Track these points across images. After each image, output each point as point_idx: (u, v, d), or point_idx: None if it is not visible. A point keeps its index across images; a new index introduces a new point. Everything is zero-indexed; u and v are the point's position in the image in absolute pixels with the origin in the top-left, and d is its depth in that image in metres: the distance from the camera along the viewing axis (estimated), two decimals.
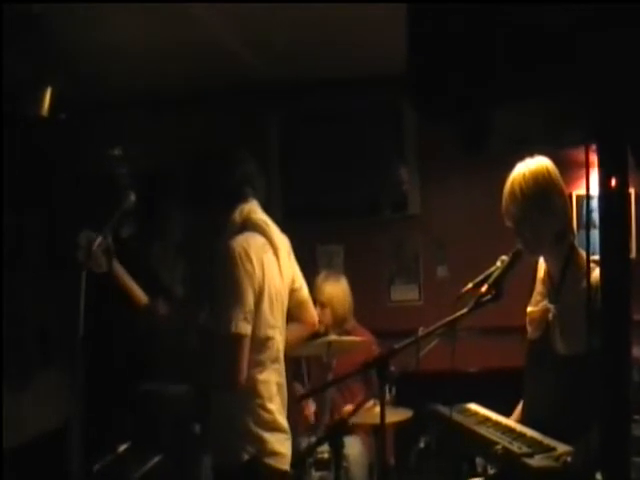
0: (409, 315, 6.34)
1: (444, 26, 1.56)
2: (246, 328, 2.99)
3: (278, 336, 3.20)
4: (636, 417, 4.80)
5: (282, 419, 3.21)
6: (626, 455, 1.50)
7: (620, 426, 1.52)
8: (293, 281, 3.38)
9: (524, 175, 2.94)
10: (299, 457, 4.57)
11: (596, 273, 1.89)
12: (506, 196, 2.97)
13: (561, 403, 2.85)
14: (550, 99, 1.55)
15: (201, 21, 5.13)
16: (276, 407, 3.18)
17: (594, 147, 1.62)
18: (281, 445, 3.17)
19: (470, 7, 1.54)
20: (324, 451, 4.69)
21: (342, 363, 4.85)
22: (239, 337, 2.97)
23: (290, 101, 6.86)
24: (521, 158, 2.99)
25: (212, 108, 6.77)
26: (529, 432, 2.79)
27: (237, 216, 3.19)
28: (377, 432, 4.36)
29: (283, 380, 3.27)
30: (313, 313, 3.54)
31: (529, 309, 3.11)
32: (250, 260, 3.03)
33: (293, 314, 3.39)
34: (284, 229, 6.77)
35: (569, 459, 2.50)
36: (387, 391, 4.87)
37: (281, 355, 3.24)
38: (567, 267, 2.96)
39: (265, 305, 3.09)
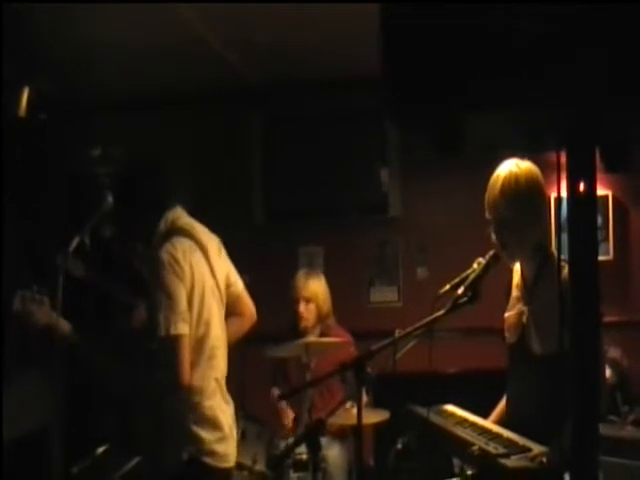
0: (388, 316, 6.35)
1: (418, 31, 1.58)
2: (184, 328, 3.08)
3: (212, 332, 3.25)
4: (612, 417, 4.87)
5: (223, 416, 3.25)
6: (594, 455, 1.52)
7: (588, 426, 1.53)
8: (227, 277, 3.47)
9: (515, 175, 2.93)
10: (277, 458, 4.58)
11: (566, 271, 1.92)
12: (494, 193, 2.97)
13: (540, 403, 2.87)
14: (521, 106, 1.57)
15: (185, 21, 5.13)
16: (216, 403, 3.24)
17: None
18: (220, 444, 3.21)
19: (444, 13, 1.56)
20: (302, 452, 4.69)
21: (321, 364, 4.86)
22: (178, 337, 3.06)
23: (272, 103, 6.87)
24: (501, 161, 3.00)
25: (194, 110, 6.77)
26: (505, 433, 2.81)
27: (162, 225, 3.29)
28: (355, 433, 4.37)
29: (221, 375, 3.33)
30: (250, 305, 3.61)
31: (506, 315, 3.13)
32: (178, 263, 3.13)
33: (231, 309, 3.48)
34: (265, 230, 6.80)
35: (544, 459, 2.52)
36: (364, 392, 4.90)
37: (218, 351, 3.29)
38: (541, 269, 2.98)
39: (195, 304, 3.18)
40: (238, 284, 3.54)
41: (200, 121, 6.78)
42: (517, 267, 3.14)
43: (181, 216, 3.35)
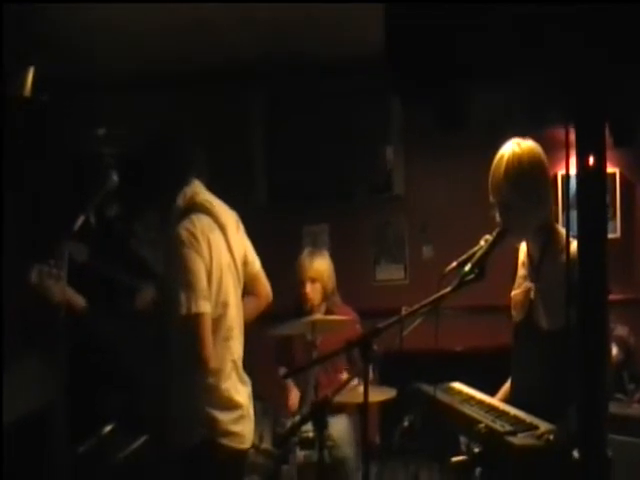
0: (394, 294, 6.36)
1: (421, 5, 1.55)
2: (206, 306, 3.04)
3: (229, 313, 3.22)
4: (618, 395, 4.86)
5: (239, 397, 3.22)
6: (603, 432, 1.51)
7: (597, 403, 1.52)
8: (245, 255, 3.42)
9: (518, 156, 2.91)
10: (283, 436, 4.59)
11: (573, 246, 1.90)
12: (497, 174, 2.94)
13: (547, 380, 2.86)
14: (527, 79, 1.55)
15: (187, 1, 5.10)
16: (232, 384, 3.20)
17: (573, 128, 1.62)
18: (236, 424, 3.18)
19: None
20: (308, 430, 4.70)
21: (327, 342, 4.85)
22: (200, 316, 3.02)
23: (275, 81, 6.83)
24: (504, 139, 2.98)
25: (195, 90, 6.73)
26: (512, 411, 2.80)
27: (180, 200, 3.23)
28: (361, 411, 4.37)
29: (238, 357, 3.29)
30: (267, 285, 3.57)
31: (512, 293, 3.12)
32: (197, 240, 3.08)
33: (248, 288, 3.44)
34: (268, 209, 6.79)
35: (551, 437, 2.51)
36: (370, 370, 4.90)
37: (234, 332, 3.26)
38: (546, 246, 2.97)
39: (214, 284, 3.13)
40: (255, 263, 3.49)
41: (202, 101, 6.75)
42: (523, 245, 3.13)
43: (200, 192, 3.29)
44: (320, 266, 5.28)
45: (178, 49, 6.11)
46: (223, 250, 3.22)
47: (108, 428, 4.51)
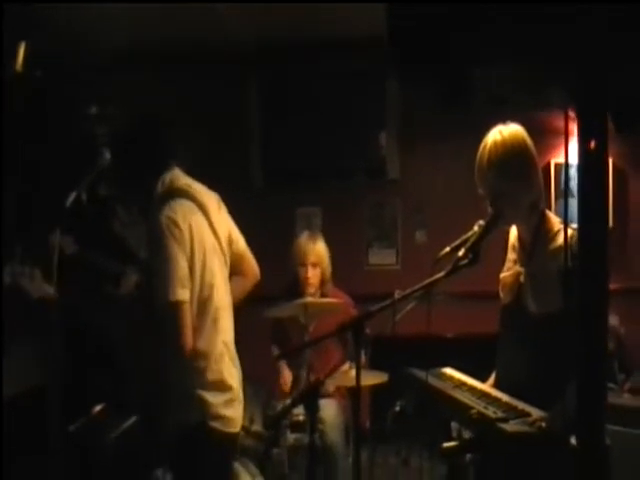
0: (387, 279, 6.36)
1: None
2: (184, 294, 3.04)
3: (216, 294, 3.21)
4: (611, 385, 4.87)
5: (231, 379, 3.22)
6: (601, 420, 1.50)
7: (596, 391, 1.51)
8: (229, 235, 3.41)
9: (500, 143, 2.91)
10: (274, 419, 4.59)
11: (568, 233, 1.91)
12: (481, 164, 2.95)
13: (536, 364, 2.86)
14: (530, 58, 1.54)
15: None
16: (225, 366, 3.20)
17: (573, 114, 1.60)
18: (227, 407, 3.18)
19: None
20: (299, 413, 4.70)
21: (320, 326, 4.84)
22: (178, 304, 3.02)
23: (271, 65, 6.80)
24: (502, 121, 2.97)
25: (191, 71, 6.70)
26: (504, 397, 2.81)
27: (160, 186, 3.22)
28: (353, 395, 4.37)
29: (229, 338, 3.30)
30: (253, 264, 3.56)
31: (501, 275, 3.12)
32: (178, 226, 3.07)
33: (234, 268, 3.43)
34: (262, 191, 6.77)
35: (543, 424, 2.52)
36: (363, 354, 4.90)
37: (224, 313, 3.26)
38: (538, 232, 2.97)
39: (197, 267, 3.13)
40: (240, 242, 3.49)
41: (197, 82, 6.72)
42: (513, 228, 3.13)
43: (179, 177, 3.28)
44: (320, 250, 5.25)
45: (175, 30, 6.08)
46: (206, 232, 3.23)
47: (99, 408, 4.51)
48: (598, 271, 1.55)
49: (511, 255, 3.12)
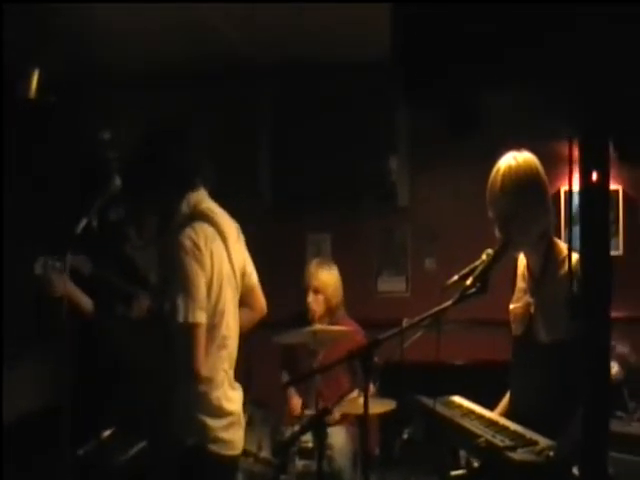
0: (396, 306, 6.34)
1: (429, 7, 1.56)
2: (202, 317, 3.04)
3: (226, 322, 3.22)
4: (619, 413, 4.85)
5: (229, 405, 3.21)
6: (604, 450, 1.50)
7: (599, 420, 1.51)
8: (244, 266, 3.40)
9: (514, 168, 2.93)
10: (282, 445, 4.58)
11: (574, 258, 1.92)
12: (494, 188, 2.96)
13: (547, 393, 2.86)
14: (536, 87, 1.55)
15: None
16: (223, 393, 3.20)
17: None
18: (226, 431, 3.17)
19: None
20: (308, 440, 4.69)
21: (330, 354, 4.84)
22: (196, 326, 3.02)
23: (282, 88, 6.84)
24: (508, 149, 2.99)
25: (200, 91, 6.74)
26: (512, 426, 2.80)
27: (185, 206, 3.20)
28: (361, 422, 4.37)
29: (230, 366, 3.29)
30: (262, 300, 3.54)
31: (511, 306, 3.13)
32: (200, 250, 3.06)
33: (243, 300, 3.42)
34: (272, 215, 6.78)
35: (551, 453, 2.51)
36: (371, 382, 4.89)
37: (229, 342, 3.25)
38: (546, 259, 2.97)
39: (213, 293, 3.13)
40: (253, 276, 3.47)
41: (206, 103, 6.75)
42: (522, 257, 3.13)
43: (203, 199, 3.26)
44: (325, 277, 5.28)
45: (182, 49, 6.13)
46: (224, 260, 3.22)
47: (108, 432, 4.51)
48: (601, 299, 1.55)
49: (521, 284, 3.12)
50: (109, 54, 6.10)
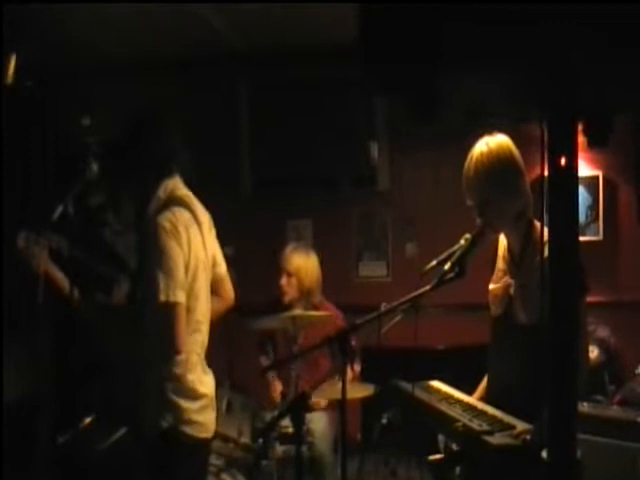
0: (377, 291, 6.35)
1: None
2: (182, 296, 3.07)
3: (199, 307, 3.24)
4: (599, 397, 4.87)
5: (202, 388, 3.24)
6: (572, 433, 1.50)
7: (566, 401, 1.52)
8: (215, 256, 3.45)
9: (486, 153, 2.94)
10: (262, 431, 4.58)
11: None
12: (468, 175, 2.98)
13: (525, 375, 2.86)
14: (500, 69, 1.54)
15: None
16: (197, 377, 3.23)
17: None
18: (199, 413, 3.20)
19: None
20: (288, 425, 4.70)
21: (309, 338, 4.84)
22: (177, 305, 3.04)
23: (260, 73, 6.82)
24: (488, 133, 2.99)
25: (180, 78, 6.71)
26: (490, 410, 2.81)
27: (161, 192, 3.24)
28: (340, 407, 4.37)
29: (202, 350, 3.31)
30: (230, 290, 3.58)
31: (491, 287, 3.13)
32: (179, 233, 3.10)
33: (212, 289, 3.44)
34: (252, 201, 6.76)
35: (528, 437, 2.52)
36: (352, 366, 4.90)
37: (202, 326, 3.28)
38: (527, 242, 2.98)
39: (189, 276, 3.16)
40: (222, 266, 3.52)
41: (186, 89, 6.72)
42: (502, 238, 3.14)
43: (180, 187, 3.30)
44: (298, 261, 5.27)
45: (163, 36, 6.10)
46: (200, 246, 3.25)
47: (88, 419, 4.50)
48: (568, 283, 1.55)
49: (501, 265, 3.13)
50: (89, 39, 6.05)
